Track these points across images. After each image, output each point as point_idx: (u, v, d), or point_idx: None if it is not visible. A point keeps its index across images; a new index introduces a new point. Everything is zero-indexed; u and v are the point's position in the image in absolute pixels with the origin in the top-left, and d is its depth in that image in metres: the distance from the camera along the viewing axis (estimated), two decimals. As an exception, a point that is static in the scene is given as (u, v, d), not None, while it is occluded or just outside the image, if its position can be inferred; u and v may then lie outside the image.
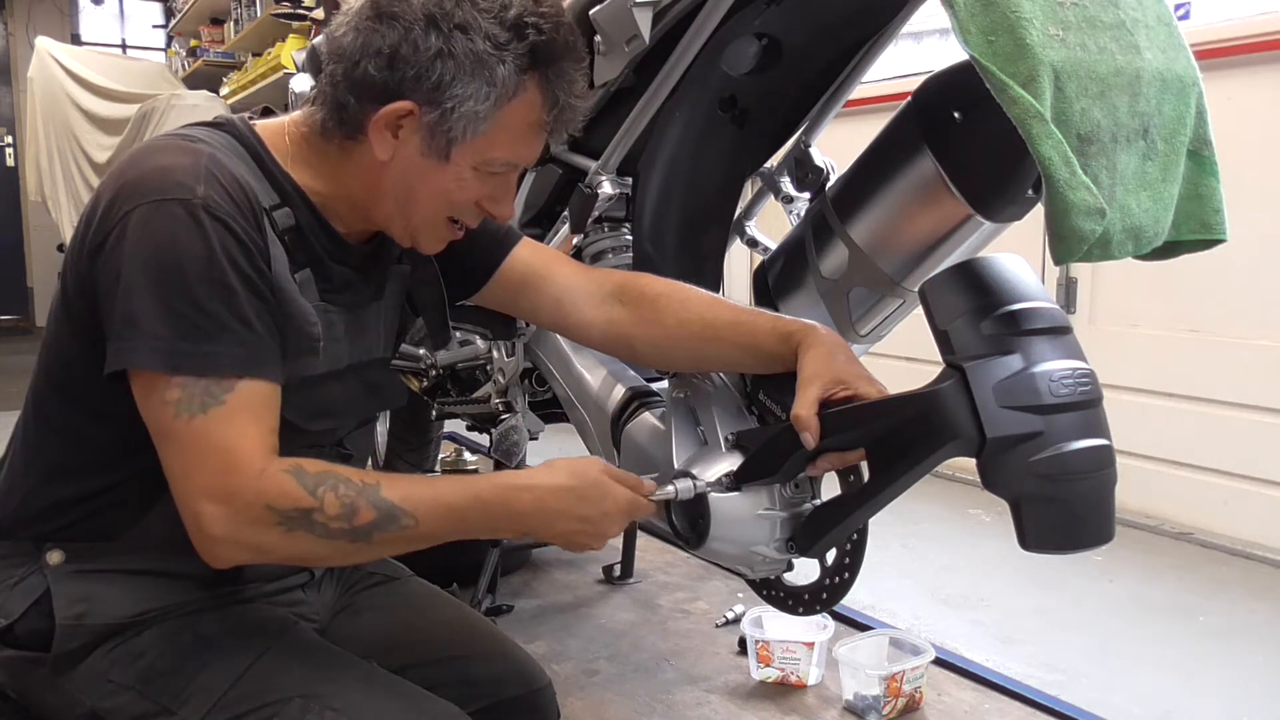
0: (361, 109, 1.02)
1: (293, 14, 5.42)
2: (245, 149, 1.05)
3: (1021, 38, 0.92)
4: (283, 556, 0.99)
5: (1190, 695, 1.99)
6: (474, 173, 1.06)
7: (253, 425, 0.96)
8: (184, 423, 0.94)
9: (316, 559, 1.02)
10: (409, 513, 0.97)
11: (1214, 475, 2.85)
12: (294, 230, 1.05)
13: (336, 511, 0.95)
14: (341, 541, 0.96)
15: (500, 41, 1.00)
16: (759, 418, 1.21)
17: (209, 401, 0.94)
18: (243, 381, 0.96)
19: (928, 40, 3.35)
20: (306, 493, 0.94)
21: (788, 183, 1.67)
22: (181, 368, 0.94)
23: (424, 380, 2.26)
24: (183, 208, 0.95)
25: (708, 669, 2.09)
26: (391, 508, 0.96)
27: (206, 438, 0.94)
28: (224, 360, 0.95)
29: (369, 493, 0.96)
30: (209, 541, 0.95)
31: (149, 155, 1.00)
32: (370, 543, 0.96)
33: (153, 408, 0.95)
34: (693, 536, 1.19)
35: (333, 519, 0.95)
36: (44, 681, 1.05)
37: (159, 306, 0.93)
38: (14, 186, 8.28)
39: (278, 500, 0.94)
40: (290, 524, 0.94)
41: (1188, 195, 1.09)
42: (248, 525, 0.94)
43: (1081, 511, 0.95)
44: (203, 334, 0.94)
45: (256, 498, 0.93)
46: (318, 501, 0.94)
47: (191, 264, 0.94)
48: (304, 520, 0.94)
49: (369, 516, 0.96)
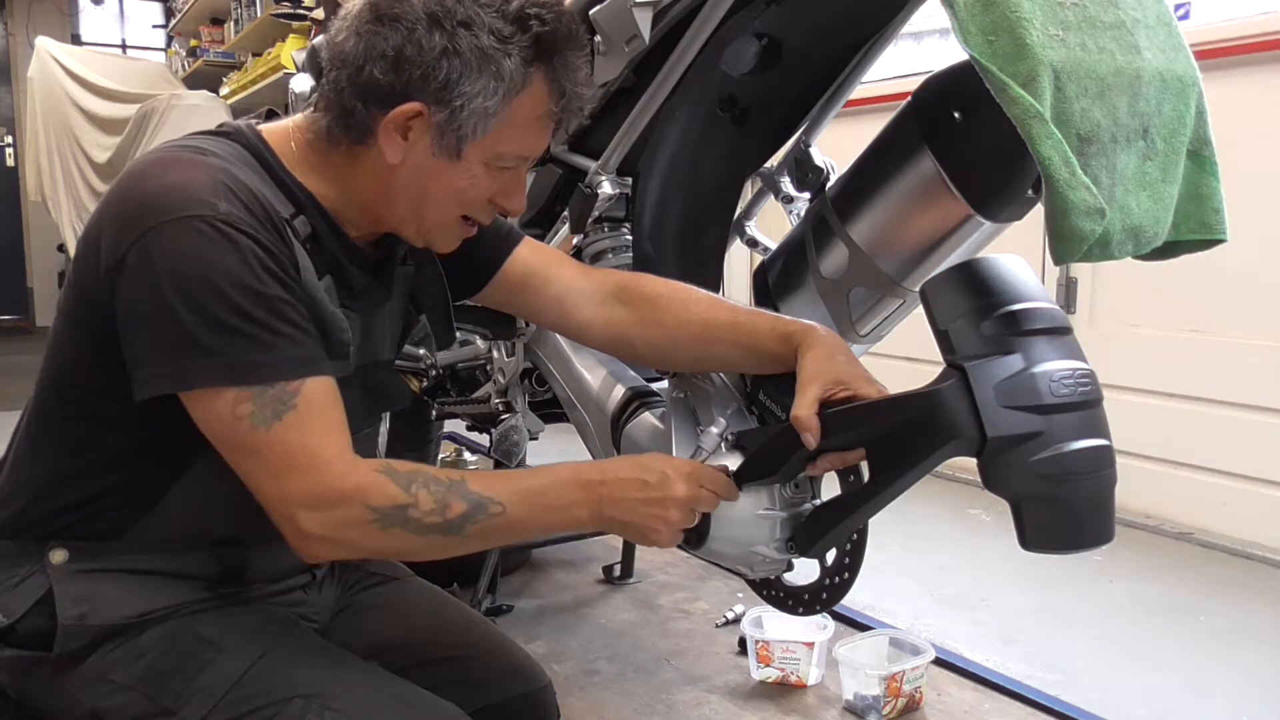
0: (369, 113, 1.02)
1: (293, 14, 5.42)
2: (255, 158, 1.05)
3: (1021, 38, 0.92)
4: (377, 552, 1.03)
5: (1190, 695, 1.99)
6: (485, 169, 1.06)
7: (328, 425, 0.97)
8: (262, 433, 0.95)
9: (410, 554, 1.04)
10: (496, 500, 0.99)
11: (1214, 475, 2.85)
12: (312, 238, 1.05)
13: (430, 506, 0.97)
14: (435, 535, 0.98)
15: (504, 35, 1.00)
16: (759, 418, 1.21)
17: (281, 408, 0.95)
18: (308, 382, 0.97)
19: (928, 40, 3.34)
20: (401, 490, 0.97)
21: (788, 183, 1.67)
22: (244, 379, 0.94)
23: (424, 380, 2.26)
24: (207, 224, 0.94)
25: (708, 669, 2.09)
26: (480, 498, 0.99)
27: (287, 444, 0.95)
28: (284, 365, 0.96)
29: (458, 488, 0.99)
30: (308, 541, 0.97)
31: (162, 170, 0.99)
32: (463, 535, 0.99)
33: (222, 423, 0.96)
34: (693, 537, 1.19)
35: (427, 514, 0.97)
36: (45, 681, 1.04)
37: (208, 324, 0.93)
38: (14, 186, 8.28)
39: (375, 499, 0.96)
40: (387, 521, 0.96)
41: (1188, 195, 1.09)
42: (345, 525, 0.96)
43: (1082, 512, 0.95)
44: (260, 344, 0.94)
45: (353, 497, 0.96)
46: (413, 498, 0.97)
47: (229, 278, 0.94)
48: (400, 517, 0.96)
49: (460, 509, 0.98)
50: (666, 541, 1.06)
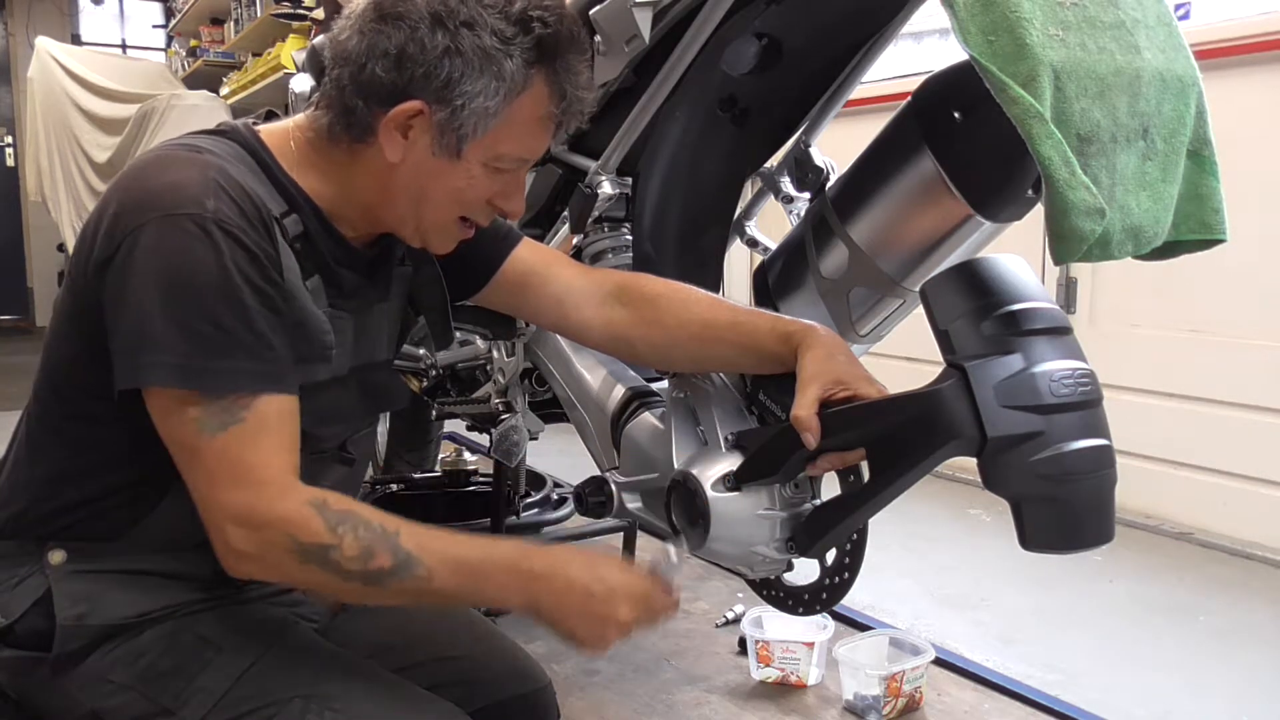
0: (370, 111, 1.02)
1: (293, 14, 5.41)
2: (251, 156, 1.05)
3: (1021, 38, 0.92)
4: (299, 583, 1.02)
5: (1190, 695, 1.99)
6: (485, 169, 1.06)
7: (274, 444, 0.96)
8: (206, 440, 0.94)
9: (328, 592, 1.03)
10: (424, 564, 0.96)
11: (1214, 475, 2.85)
12: (303, 237, 1.05)
13: (354, 553, 0.95)
14: (355, 583, 0.96)
15: (506, 36, 1.00)
16: (759, 418, 1.21)
17: (229, 419, 0.94)
18: (262, 397, 0.96)
19: (928, 40, 3.34)
20: (328, 529, 0.95)
21: (788, 183, 1.67)
22: (200, 385, 0.94)
23: (424, 380, 2.26)
24: (193, 223, 0.94)
25: (708, 669, 2.09)
26: (408, 557, 0.96)
27: (228, 455, 0.94)
28: (243, 376, 0.95)
29: (388, 539, 0.96)
30: (235, 557, 0.96)
31: (156, 168, 0.99)
32: (383, 588, 0.97)
33: (173, 425, 0.96)
34: (693, 536, 1.19)
35: (349, 559, 0.95)
36: (44, 682, 1.04)
37: (174, 324, 0.93)
38: (14, 186, 8.28)
39: (299, 532, 0.95)
40: (307, 557, 0.95)
41: (1187, 195, 1.09)
42: (270, 549, 0.95)
43: (1082, 511, 0.95)
44: (220, 350, 0.94)
45: (279, 523, 0.95)
46: (337, 540, 0.95)
47: (205, 280, 0.94)
48: (321, 556, 0.95)
49: (385, 563, 0.96)
50: (594, 653, 1.04)
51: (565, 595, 0.99)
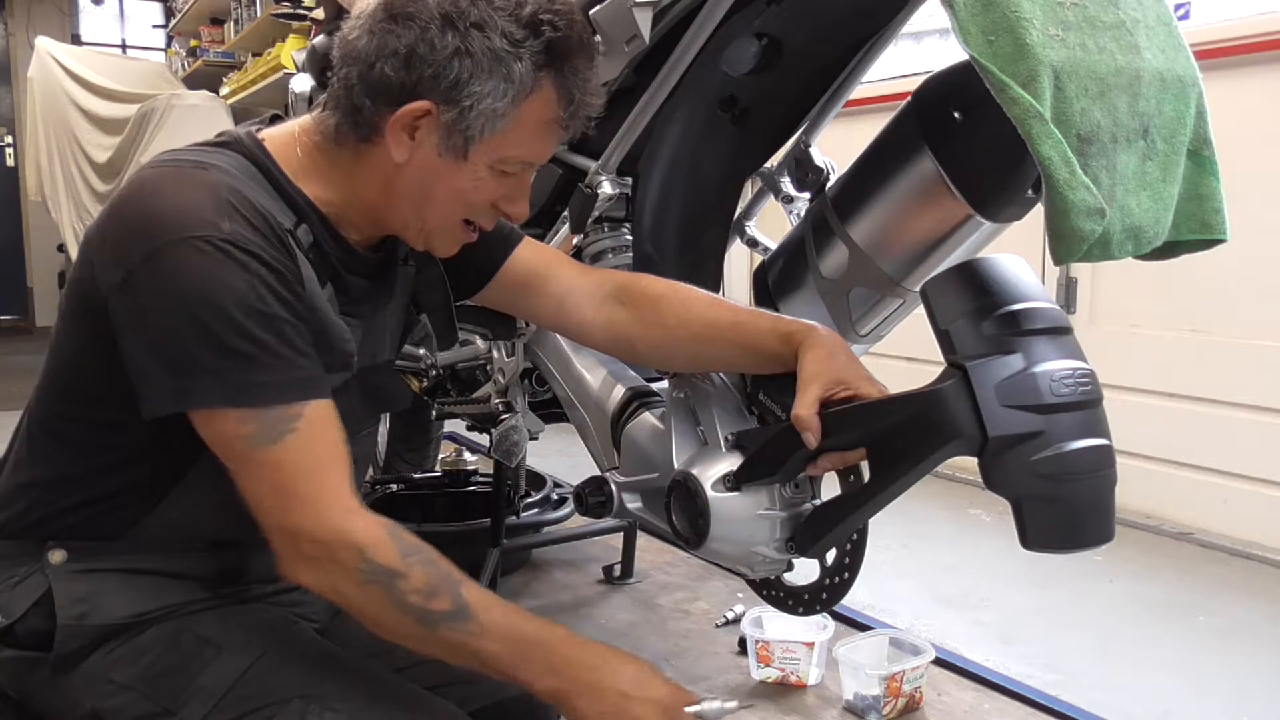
0: (378, 111, 1.02)
1: (293, 14, 5.41)
2: (257, 168, 1.04)
3: (1021, 38, 0.93)
4: (350, 602, 0.97)
5: (1190, 695, 1.99)
6: (490, 172, 1.06)
7: (329, 452, 0.97)
8: (264, 453, 0.94)
9: (375, 620, 0.98)
10: (478, 620, 0.96)
11: (1214, 475, 2.85)
12: (314, 247, 1.05)
13: (419, 586, 0.95)
14: (410, 617, 0.95)
15: (516, 39, 1.00)
16: (759, 418, 1.21)
17: (283, 429, 0.94)
18: (308, 405, 0.96)
19: (928, 40, 3.34)
20: (399, 556, 0.95)
21: (788, 183, 1.67)
22: (247, 401, 0.94)
23: (424, 380, 2.26)
24: (211, 244, 0.93)
25: (708, 669, 2.09)
26: (466, 607, 0.96)
27: (287, 466, 0.95)
28: (286, 388, 0.95)
29: (452, 584, 0.97)
30: (302, 565, 0.96)
31: (166, 186, 0.98)
32: (434, 632, 0.96)
33: (225, 440, 0.96)
34: (693, 536, 1.19)
35: (413, 591, 0.95)
36: (45, 682, 1.04)
37: (209, 344, 0.93)
38: (14, 186, 8.27)
39: (373, 552, 0.94)
40: (374, 578, 0.94)
41: (1188, 195, 1.09)
42: (338, 563, 0.95)
43: (1082, 511, 0.95)
44: (260, 365, 0.94)
45: (351, 541, 0.94)
46: (406, 569, 0.95)
47: (232, 298, 0.93)
48: (387, 581, 0.94)
49: (444, 605, 0.95)
50: None
51: (599, 702, 0.98)
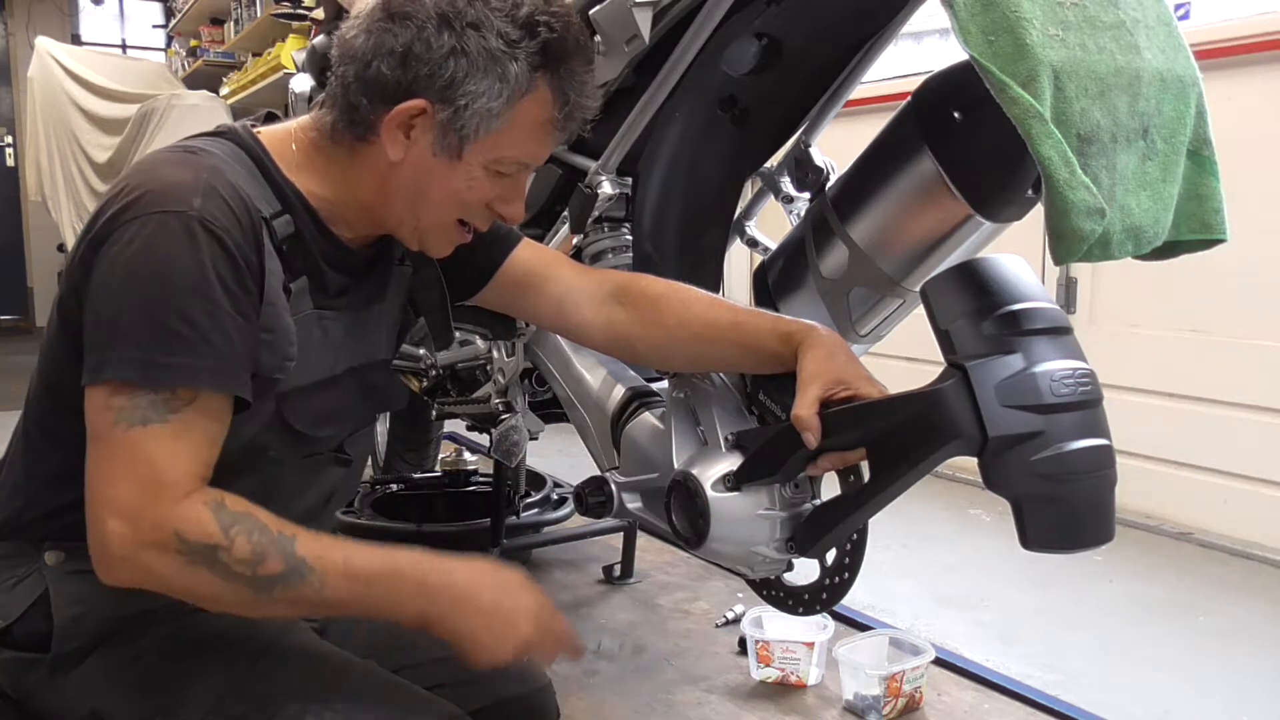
0: (374, 109, 1.02)
1: (293, 14, 5.41)
2: (249, 156, 1.05)
3: (1021, 38, 0.92)
4: (177, 589, 0.94)
5: (1190, 695, 1.99)
6: (485, 172, 1.06)
7: (191, 449, 0.93)
8: (120, 432, 0.92)
9: (209, 599, 0.95)
10: (316, 572, 0.93)
11: (1214, 475, 2.85)
12: (293, 238, 1.05)
13: (244, 555, 0.92)
14: (241, 586, 0.92)
15: (512, 39, 1.00)
16: (759, 418, 1.21)
17: (151, 416, 0.92)
18: (204, 395, 0.94)
19: (928, 40, 3.34)
20: (220, 529, 0.92)
21: (788, 183, 1.67)
22: (154, 382, 0.92)
23: (424, 380, 2.26)
24: (177, 220, 0.94)
25: (708, 669, 2.09)
26: (300, 563, 0.93)
27: (138, 451, 0.92)
28: (198, 374, 0.93)
29: (282, 543, 0.93)
30: (108, 559, 0.92)
31: (150, 169, 0.99)
32: (270, 596, 0.93)
33: (95, 410, 0.93)
34: (693, 536, 1.19)
35: (238, 561, 0.91)
36: (43, 682, 1.04)
37: (144, 320, 0.92)
38: (14, 186, 8.28)
39: (187, 529, 0.91)
40: (193, 557, 0.91)
41: (1188, 195, 1.09)
42: (149, 548, 0.91)
43: (1082, 511, 0.95)
44: (185, 346, 0.92)
45: (166, 522, 0.91)
46: (228, 541, 0.91)
47: (180, 275, 0.93)
48: (208, 556, 0.91)
49: (275, 568, 0.92)
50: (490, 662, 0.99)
51: (463, 604, 0.98)
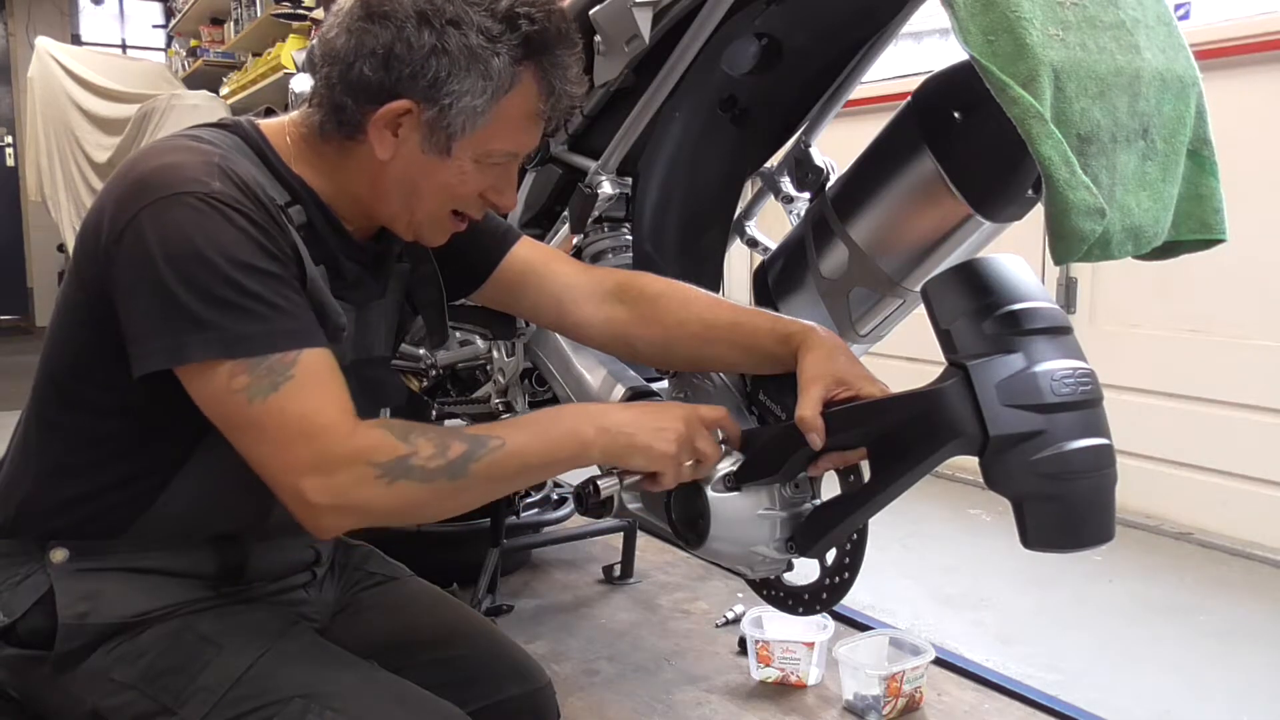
0: (359, 110, 1.02)
1: (293, 14, 5.42)
2: (252, 148, 1.05)
3: (1021, 38, 0.93)
4: (387, 511, 0.98)
5: (1190, 695, 1.99)
6: (475, 165, 1.06)
7: (327, 393, 0.96)
8: (259, 405, 0.93)
9: (420, 508, 0.99)
10: (495, 435, 0.98)
11: (1214, 475, 2.85)
12: (307, 227, 1.05)
13: (431, 451, 0.95)
14: (441, 480, 0.96)
15: (493, 34, 1.00)
16: (759, 418, 1.21)
17: (278, 379, 0.94)
18: (303, 353, 0.95)
19: (928, 40, 3.35)
20: (400, 440, 0.96)
21: (788, 183, 1.67)
22: (239, 351, 0.93)
23: (424, 380, 2.26)
24: (197, 199, 0.94)
25: (708, 669, 2.09)
26: (476, 437, 0.98)
27: (286, 414, 0.94)
28: (278, 337, 0.95)
29: (454, 432, 0.98)
30: (315, 512, 0.95)
31: (156, 154, 1.00)
32: (467, 475, 0.97)
33: (219, 398, 0.95)
34: (693, 536, 1.19)
35: (429, 459, 0.95)
36: (46, 680, 1.05)
37: (197, 297, 0.93)
38: (14, 186, 8.28)
39: (375, 454, 0.94)
40: (391, 475, 0.94)
41: (1187, 195, 1.09)
42: (351, 486, 0.94)
43: (1082, 510, 0.95)
44: (250, 315, 0.94)
45: (355, 456, 0.94)
46: (413, 448, 0.95)
47: (219, 251, 0.93)
48: (403, 468, 0.95)
49: (460, 449, 0.96)
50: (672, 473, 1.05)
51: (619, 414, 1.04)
